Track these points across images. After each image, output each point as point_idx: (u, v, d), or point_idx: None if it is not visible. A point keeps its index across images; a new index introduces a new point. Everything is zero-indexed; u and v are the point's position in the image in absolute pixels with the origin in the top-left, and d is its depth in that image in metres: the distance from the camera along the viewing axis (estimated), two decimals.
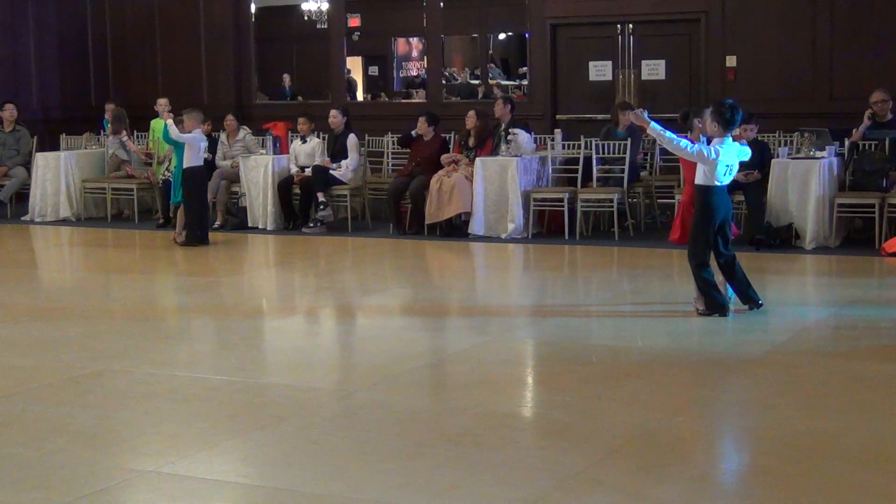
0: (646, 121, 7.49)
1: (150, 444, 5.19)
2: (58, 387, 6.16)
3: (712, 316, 7.62)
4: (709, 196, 7.47)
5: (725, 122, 7.38)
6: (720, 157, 7.37)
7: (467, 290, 9.57)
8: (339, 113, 12.51)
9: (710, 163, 7.39)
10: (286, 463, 4.89)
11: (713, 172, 7.42)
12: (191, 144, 11.01)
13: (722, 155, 7.39)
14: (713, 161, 7.37)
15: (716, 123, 7.40)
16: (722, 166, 7.41)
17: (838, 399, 5.82)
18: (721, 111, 7.38)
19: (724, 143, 7.44)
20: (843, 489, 4.48)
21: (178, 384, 6.22)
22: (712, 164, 7.39)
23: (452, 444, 5.06)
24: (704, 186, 7.48)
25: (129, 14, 16.15)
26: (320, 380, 6.41)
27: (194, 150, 11.05)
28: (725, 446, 5.08)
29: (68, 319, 8.04)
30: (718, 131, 7.42)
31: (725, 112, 7.37)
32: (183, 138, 11.00)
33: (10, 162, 14.09)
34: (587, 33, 13.94)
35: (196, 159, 11.08)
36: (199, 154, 11.12)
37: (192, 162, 11.05)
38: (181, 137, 10.99)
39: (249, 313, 8.42)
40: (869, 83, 11.65)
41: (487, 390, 6.02)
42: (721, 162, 7.40)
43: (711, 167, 7.41)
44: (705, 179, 7.48)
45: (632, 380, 6.20)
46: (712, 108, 7.49)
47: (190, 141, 11.00)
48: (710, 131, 7.49)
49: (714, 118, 7.41)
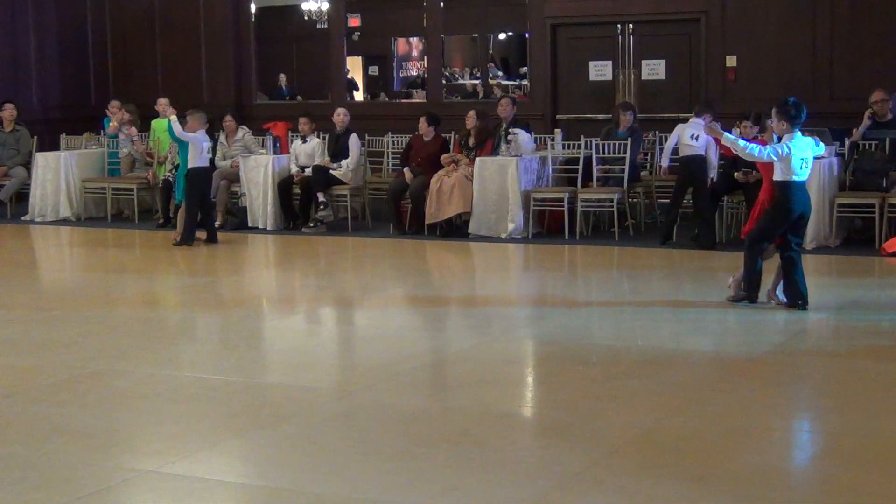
0: (720, 132, 8.05)
1: (150, 444, 5.19)
2: (58, 387, 6.16)
3: (740, 302, 7.93)
4: (787, 191, 7.77)
5: (791, 119, 7.76)
6: (793, 153, 7.70)
7: (467, 290, 9.57)
8: (344, 112, 12.52)
9: (785, 159, 7.71)
10: (286, 463, 4.90)
11: (789, 167, 7.73)
12: (194, 144, 11.01)
13: (794, 150, 7.71)
14: (787, 156, 7.70)
15: (783, 122, 7.78)
16: (797, 160, 7.74)
17: (838, 399, 5.82)
18: (786, 109, 7.77)
19: (795, 138, 7.76)
20: (843, 489, 4.48)
21: (179, 384, 6.22)
22: (787, 161, 7.71)
23: (452, 444, 5.06)
24: (783, 182, 7.79)
25: (129, 14, 16.15)
26: (320, 380, 6.41)
27: (197, 149, 11.05)
28: (725, 446, 5.08)
29: (68, 319, 8.04)
30: (787, 128, 7.77)
31: (791, 109, 7.76)
32: (187, 137, 11.01)
33: (10, 162, 14.09)
34: (587, 33, 13.94)
35: (200, 160, 11.07)
36: (203, 154, 11.12)
37: (197, 162, 11.05)
38: (185, 136, 11.00)
39: (249, 313, 8.42)
40: (869, 83, 11.64)
41: (487, 390, 6.02)
42: (795, 156, 7.72)
43: (787, 163, 7.72)
44: (783, 175, 7.79)
45: (632, 380, 6.20)
46: (776, 108, 7.87)
47: (193, 140, 11.01)
48: (779, 130, 7.85)
49: (780, 117, 7.79)
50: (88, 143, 14.13)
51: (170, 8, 15.87)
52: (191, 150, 11.03)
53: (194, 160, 11.03)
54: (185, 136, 11.00)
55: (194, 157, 11.03)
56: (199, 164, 11.08)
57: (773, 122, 7.90)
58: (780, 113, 7.77)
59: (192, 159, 11.03)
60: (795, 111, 7.75)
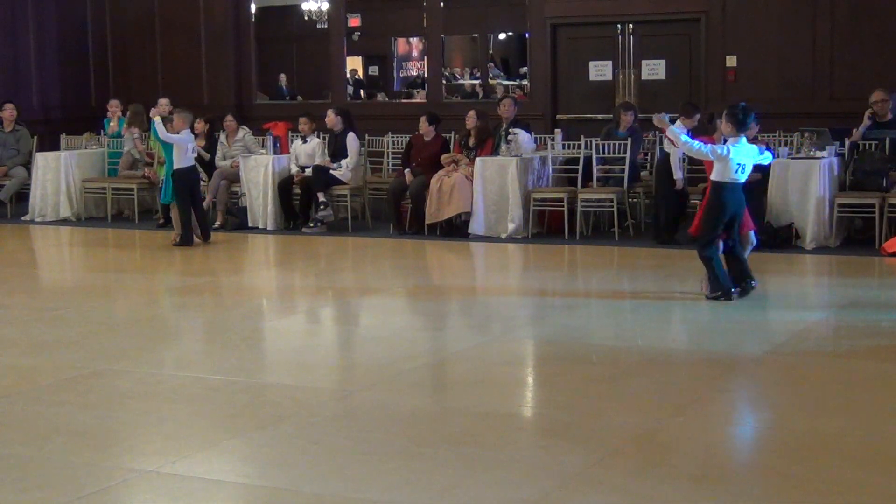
0: (666, 124, 8.30)
1: (150, 444, 5.19)
2: (58, 387, 6.16)
3: (718, 299, 8.05)
4: (721, 191, 8.03)
5: (738, 123, 7.98)
6: (731, 155, 7.95)
7: (467, 290, 9.57)
8: (334, 112, 12.51)
9: (722, 159, 7.97)
10: (286, 463, 4.90)
11: (726, 169, 7.97)
12: (179, 145, 11.02)
13: (733, 153, 7.97)
14: (725, 157, 7.95)
15: (729, 125, 8.01)
16: (734, 164, 7.97)
17: (838, 399, 5.82)
18: (734, 113, 8.00)
19: (738, 142, 8.01)
20: (843, 489, 4.48)
21: (178, 384, 6.22)
22: (724, 161, 7.96)
23: (452, 444, 5.06)
24: (717, 182, 8.06)
25: (129, 14, 16.14)
26: (320, 380, 6.41)
27: (182, 150, 11.05)
28: (725, 446, 5.08)
29: (68, 319, 8.04)
30: (732, 132, 8.00)
31: (738, 114, 7.98)
32: (171, 138, 11.01)
33: (10, 162, 14.09)
34: (587, 33, 13.94)
35: (185, 160, 11.08)
36: (188, 154, 11.12)
37: (182, 163, 11.06)
38: (169, 137, 11.01)
39: (249, 313, 8.43)
40: (869, 83, 11.64)
41: (487, 390, 6.02)
42: (733, 160, 7.97)
43: (724, 164, 7.97)
44: (720, 176, 8.04)
45: (632, 380, 6.20)
46: (726, 110, 8.11)
47: (178, 141, 11.02)
48: (726, 132, 8.09)
49: (728, 119, 8.02)
50: (88, 143, 14.13)
51: (170, 8, 15.87)
52: (175, 151, 11.03)
53: (179, 161, 11.04)
54: (169, 138, 11.01)
55: (179, 157, 11.04)
56: (185, 165, 11.09)
57: (722, 124, 8.14)
58: (728, 116, 8.00)
59: (178, 160, 11.04)
60: (742, 116, 7.96)
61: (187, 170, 11.15)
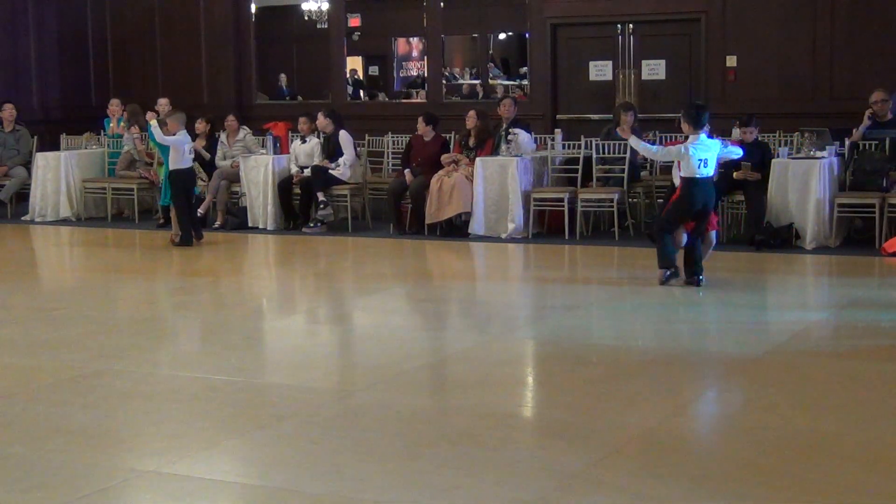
0: (628, 133, 9.11)
1: (150, 444, 5.19)
2: (58, 387, 6.16)
3: (666, 280, 8.62)
4: (690, 186, 8.52)
5: (693, 121, 8.50)
6: (691, 153, 8.44)
7: (467, 289, 9.57)
8: (324, 115, 12.51)
9: (682, 157, 8.51)
10: (286, 463, 4.90)
11: (689, 166, 8.46)
12: (175, 146, 11.07)
13: (692, 150, 8.45)
14: (685, 155, 8.47)
15: (687, 124, 8.56)
16: (695, 160, 8.45)
17: (838, 399, 5.82)
18: (689, 112, 8.57)
19: (699, 140, 8.51)
20: (843, 489, 4.48)
21: (178, 384, 6.22)
22: (686, 159, 8.47)
23: (452, 444, 5.06)
24: (688, 178, 8.53)
25: (129, 14, 16.15)
26: (320, 380, 6.41)
27: (179, 152, 11.10)
28: (725, 446, 5.08)
29: (68, 319, 8.04)
30: (690, 130, 8.54)
31: (692, 112, 8.56)
32: (167, 140, 11.06)
33: (10, 162, 14.09)
34: (587, 33, 13.94)
35: (182, 161, 11.12)
36: (185, 156, 11.16)
37: (178, 164, 11.10)
38: (165, 140, 11.06)
39: (249, 313, 8.43)
40: (869, 83, 11.64)
41: (487, 390, 6.02)
42: (693, 157, 8.45)
43: (686, 161, 8.47)
44: (686, 172, 8.52)
45: (632, 380, 6.20)
46: (683, 110, 8.68)
47: (174, 143, 11.06)
48: (685, 131, 8.63)
49: (684, 120, 8.58)
50: (88, 143, 14.13)
51: (170, 8, 15.87)
52: (172, 153, 11.07)
53: (177, 162, 11.09)
54: (165, 140, 11.05)
55: (176, 159, 11.08)
56: (182, 166, 11.14)
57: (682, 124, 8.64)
58: (685, 116, 8.55)
59: (175, 161, 11.08)
60: (696, 113, 8.50)
61: (185, 171, 11.18)
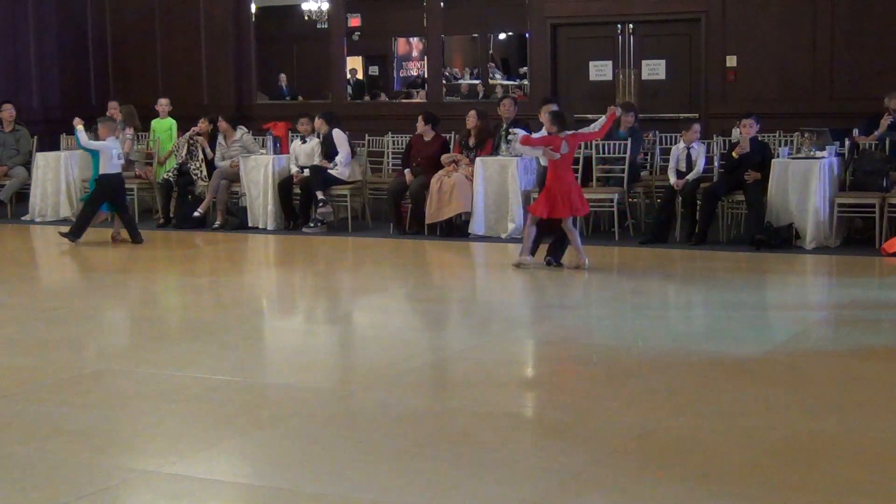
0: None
1: (150, 444, 5.19)
2: (58, 387, 6.16)
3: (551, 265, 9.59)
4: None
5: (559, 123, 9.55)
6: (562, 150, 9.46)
7: (467, 289, 9.57)
8: (318, 116, 12.52)
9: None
10: (286, 463, 4.90)
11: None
12: (103, 151, 11.35)
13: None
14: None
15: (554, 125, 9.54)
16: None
17: (838, 399, 5.82)
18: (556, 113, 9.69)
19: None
20: (843, 489, 4.48)
21: (178, 384, 6.22)
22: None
23: (452, 444, 5.06)
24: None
25: (129, 14, 16.15)
26: (320, 380, 6.41)
27: (107, 156, 11.37)
28: (725, 446, 5.08)
29: (68, 319, 8.04)
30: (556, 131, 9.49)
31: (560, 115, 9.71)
32: (93, 145, 11.40)
33: (10, 162, 14.09)
34: (587, 33, 13.95)
35: (111, 166, 11.41)
36: (114, 161, 11.43)
37: (107, 169, 11.40)
38: (91, 144, 11.41)
39: (249, 313, 8.43)
40: (869, 83, 11.64)
41: (487, 390, 6.02)
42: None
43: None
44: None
45: (632, 380, 6.20)
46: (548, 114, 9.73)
47: (101, 148, 11.35)
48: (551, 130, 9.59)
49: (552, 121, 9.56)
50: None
51: (170, 8, 15.88)
52: (101, 158, 11.38)
53: (105, 167, 11.39)
54: (91, 145, 11.41)
55: (105, 164, 11.39)
56: (110, 171, 11.42)
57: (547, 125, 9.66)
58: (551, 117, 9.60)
59: (103, 166, 11.40)
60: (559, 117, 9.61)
61: (112, 176, 11.45)
